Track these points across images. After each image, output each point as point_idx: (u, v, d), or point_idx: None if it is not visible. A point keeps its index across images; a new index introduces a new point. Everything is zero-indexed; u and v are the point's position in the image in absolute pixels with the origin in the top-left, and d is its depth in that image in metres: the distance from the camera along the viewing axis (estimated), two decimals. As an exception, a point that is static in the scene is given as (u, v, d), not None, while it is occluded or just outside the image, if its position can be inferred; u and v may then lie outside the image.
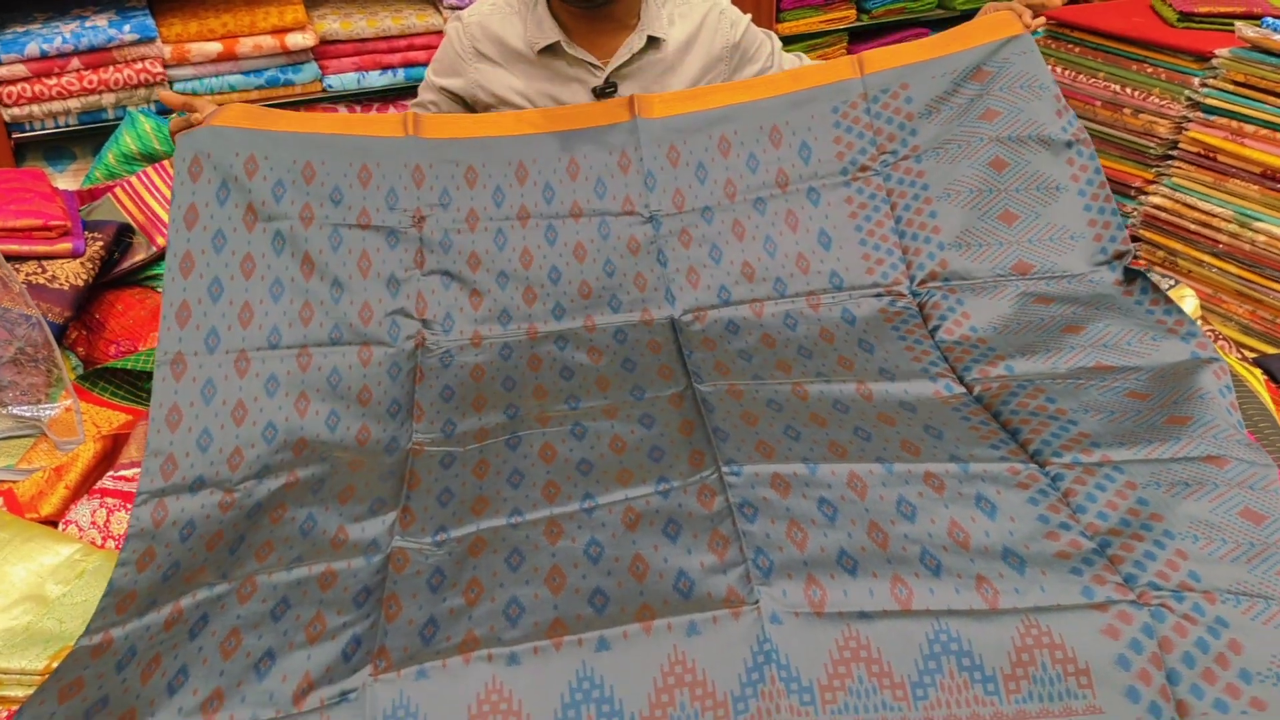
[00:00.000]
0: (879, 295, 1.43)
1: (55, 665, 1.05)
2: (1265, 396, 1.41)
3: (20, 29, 2.14)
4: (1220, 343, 1.50)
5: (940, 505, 1.05)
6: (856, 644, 0.91)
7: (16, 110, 2.17)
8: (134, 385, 1.59)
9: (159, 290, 1.76)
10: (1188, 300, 1.54)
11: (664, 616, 0.93)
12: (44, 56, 2.12)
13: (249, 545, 1.13)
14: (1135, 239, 1.94)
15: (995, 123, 1.48)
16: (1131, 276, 1.38)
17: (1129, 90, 1.89)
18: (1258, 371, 1.47)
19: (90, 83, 2.18)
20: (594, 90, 1.61)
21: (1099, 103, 1.93)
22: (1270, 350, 1.76)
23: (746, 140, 1.51)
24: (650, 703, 0.88)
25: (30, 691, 1.02)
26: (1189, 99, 1.80)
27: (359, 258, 1.44)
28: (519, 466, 1.18)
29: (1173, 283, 1.58)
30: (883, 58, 1.55)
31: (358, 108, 2.39)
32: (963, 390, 1.28)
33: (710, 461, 1.12)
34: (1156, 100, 1.84)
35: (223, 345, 1.30)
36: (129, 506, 1.28)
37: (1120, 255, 1.40)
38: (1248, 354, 1.64)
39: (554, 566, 1.02)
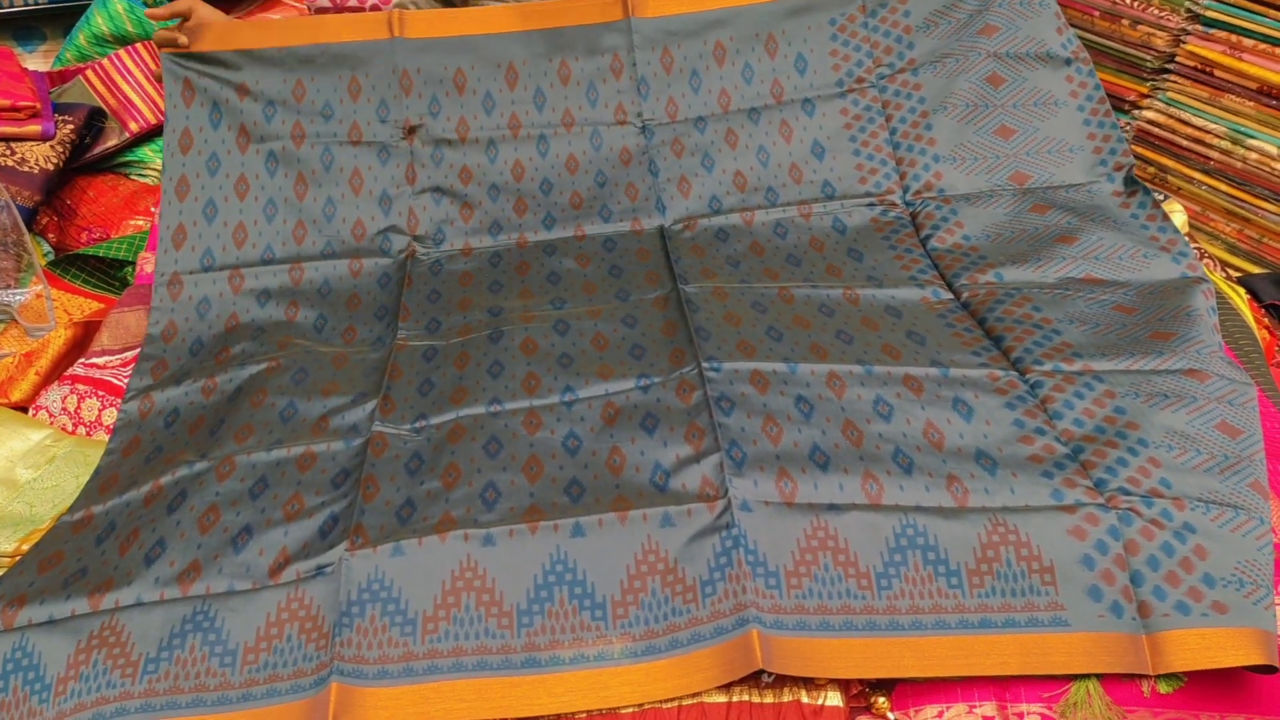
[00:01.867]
0: (871, 204, 1.42)
1: (25, 547, 1.05)
2: (1248, 314, 1.41)
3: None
4: (1206, 260, 1.50)
5: (917, 406, 1.05)
6: (824, 534, 0.92)
7: (-17, -13, 2.09)
8: (106, 273, 1.56)
9: (132, 176, 1.73)
10: (1176, 216, 1.53)
11: (639, 507, 0.93)
12: (11, -70, 2.04)
13: (229, 427, 1.13)
14: (1128, 156, 1.91)
15: (994, 38, 1.45)
16: (1132, 188, 1.36)
17: (1128, 1, 1.84)
18: (1241, 290, 1.47)
19: (61, -40, 2.09)
20: None
21: (1097, 13, 1.88)
22: (1255, 269, 1.75)
23: (742, 48, 1.48)
24: (622, 588, 0.89)
25: (1, 574, 1.02)
26: (1189, 11, 1.75)
27: (350, 175, 1.44)
28: (499, 358, 1.18)
29: (1162, 198, 1.56)
30: None
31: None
32: (950, 296, 1.27)
33: (691, 359, 1.12)
34: (1156, 11, 1.79)
35: (218, 264, 1.36)
36: (100, 393, 1.27)
37: (1120, 167, 1.38)
38: (1232, 273, 1.64)
39: (531, 456, 1.02)
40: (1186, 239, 1.33)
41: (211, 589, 0.92)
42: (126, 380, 1.29)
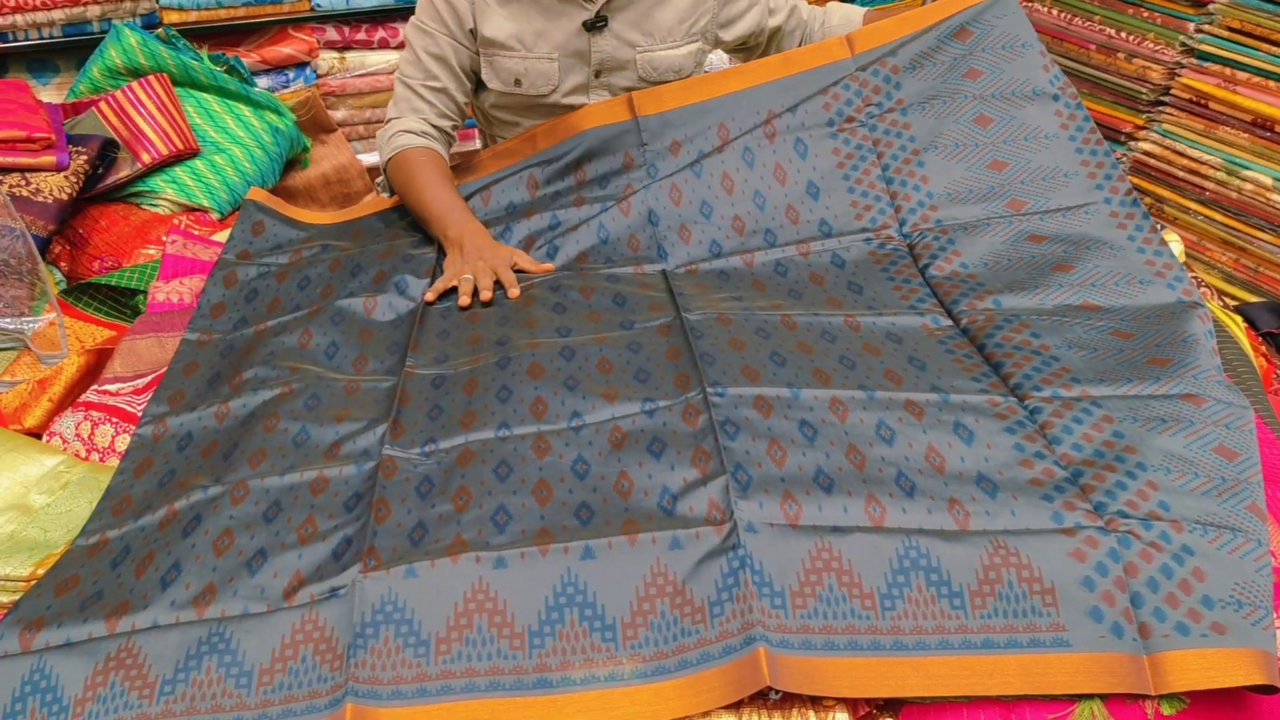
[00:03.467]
0: (868, 239, 1.45)
1: (40, 572, 1.07)
2: (1245, 343, 1.43)
3: (2, -63, 2.10)
4: (1203, 289, 1.52)
5: (919, 431, 1.07)
6: (829, 555, 0.93)
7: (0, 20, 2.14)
8: (117, 301, 1.58)
9: (143, 206, 1.76)
10: (1173, 245, 1.55)
11: (648, 530, 0.95)
12: (27, -35, 2.08)
13: (242, 451, 1.15)
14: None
15: (979, 81, 1.50)
16: (1130, 209, 1.38)
17: (1124, 35, 1.88)
18: (1238, 319, 1.50)
19: (74, -6, 2.13)
20: (584, 24, 1.60)
21: (1093, 47, 1.93)
22: (1252, 298, 1.78)
23: (744, 125, 1.54)
24: (632, 609, 0.90)
25: (16, 598, 1.04)
26: (1183, 44, 1.79)
27: (389, 238, 1.60)
28: (507, 383, 1.20)
29: (1160, 227, 1.59)
30: (872, 35, 1.56)
31: (346, 29, 2.35)
32: (949, 323, 1.30)
33: (696, 383, 1.14)
34: (1151, 45, 1.83)
35: (249, 324, 1.42)
36: (113, 420, 1.29)
37: (1117, 190, 1.41)
38: (1229, 301, 1.66)
39: (541, 479, 1.04)
40: (1183, 266, 1.35)
41: (226, 612, 0.93)
42: (139, 407, 1.31)
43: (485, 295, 1.39)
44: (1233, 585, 0.92)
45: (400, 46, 2.35)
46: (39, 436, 1.31)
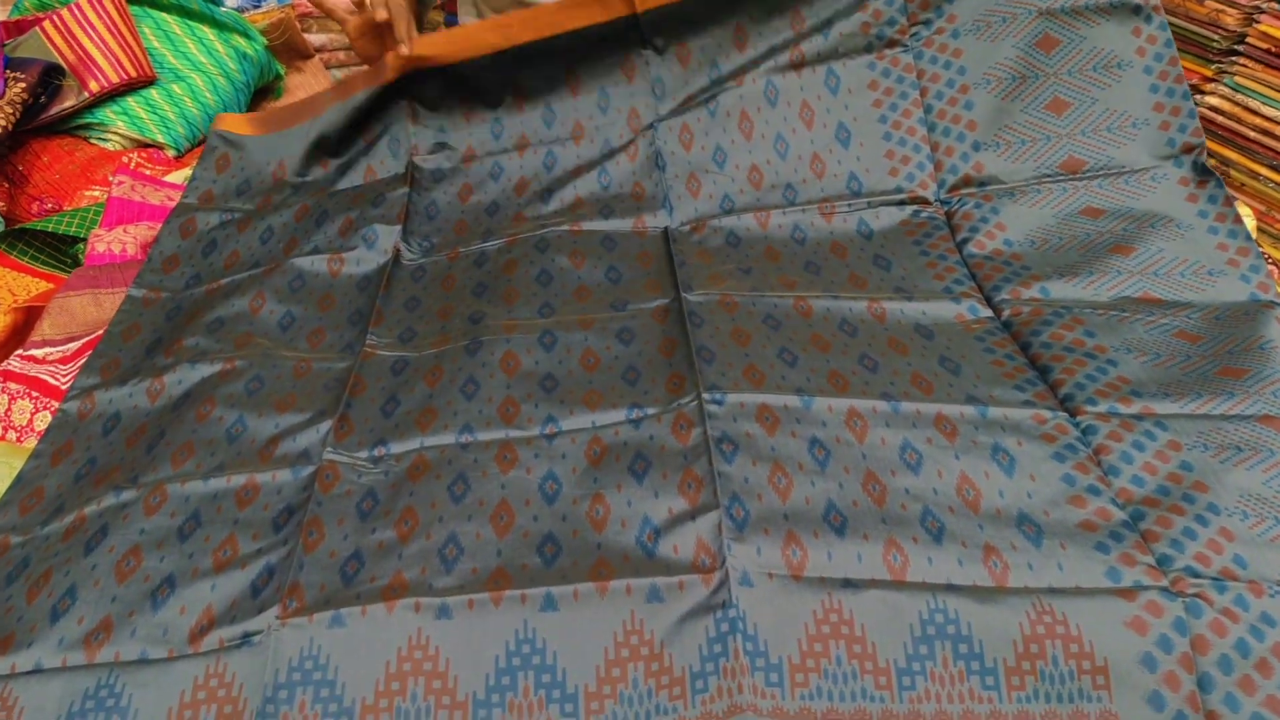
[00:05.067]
0: (901, 204, 1.26)
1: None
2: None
3: None
4: (1272, 267, 1.33)
5: (950, 455, 0.91)
6: (838, 618, 0.78)
7: (-57, -77, 1.92)
8: (57, 249, 1.42)
9: (91, 141, 1.58)
10: (1244, 220, 1.37)
11: (622, 577, 0.79)
12: None
13: (168, 443, 1.00)
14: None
15: None
16: (1202, 176, 1.18)
17: (1200, -27, 1.66)
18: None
19: (27, -105, 1.91)
20: None
21: (1163, -14, 1.71)
22: (1324, 281, 1.59)
23: (765, 31, 1.31)
24: (598, 676, 0.76)
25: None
26: (1268, -14, 1.57)
27: (364, 172, 1.42)
28: (475, 375, 1.04)
29: (1233, 201, 1.40)
30: None
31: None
32: (989, 314, 1.12)
33: (690, 387, 0.97)
34: (1230, -14, 1.61)
35: (203, 281, 1.27)
36: (33, 394, 1.14)
37: (1190, 149, 1.19)
38: (1303, 285, 1.48)
39: (502, 501, 0.88)
40: (1259, 252, 1.17)
41: (121, 655, 0.79)
42: (65, 380, 1.16)
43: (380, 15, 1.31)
44: None
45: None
46: (-48, 409, 1.16)
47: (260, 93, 1.82)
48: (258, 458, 0.97)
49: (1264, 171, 1.64)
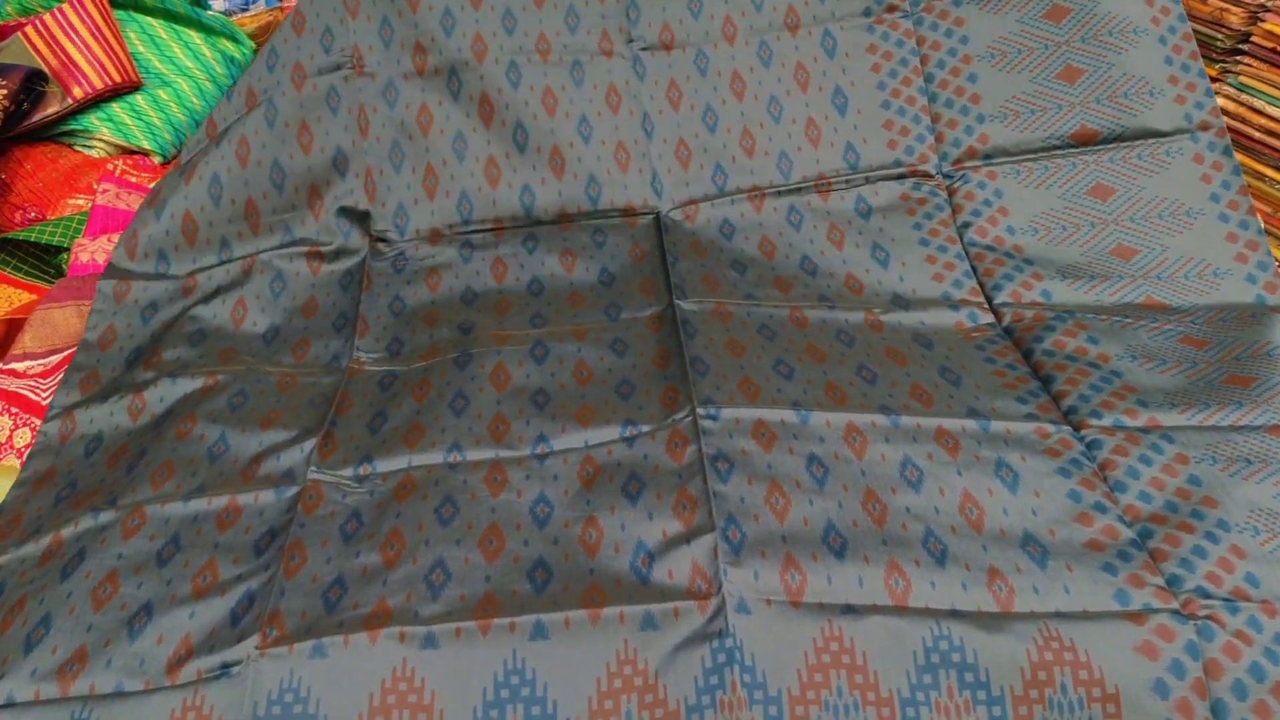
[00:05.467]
0: (901, 178, 1.21)
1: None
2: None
3: None
4: None
5: (952, 471, 0.88)
6: (839, 645, 0.75)
7: (-73, -75, 1.89)
8: (40, 259, 1.39)
9: (76, 148, 1.55)
10: (1257, 213, 1.33)
11: (615, 604, 0.77)
12: None
13: (148, 463, 0.97)
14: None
15: None
16: (1220, 157, 1.14)
17: (1202, -30, 1.62)
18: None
19: (11, -103, 1.88)
20: None
21: (1165, -17, 1.67)
22: (1331, 283, 1.56)
23: None
24: (590, 708, 0.73)
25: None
26: (1274, -16, 1.54)
27: (298, 129, 1.23)
28: (465, 390, 1.01)
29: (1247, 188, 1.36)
30: None
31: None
32: (989, 320, 1.09)
33: (685, 401, 0.95)
34: (1234, -17, 1.58)
35: (171, 272, 1.20)
36: (13, 410, 1.11)
37: (1207, 126, 1.15)
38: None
39: (492, 525, 0.86)
40: (1269, 249, 1.14)
41: (96, 688, 0.76)
42: (45, 395, 1.13)
43: None
44: None
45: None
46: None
47: (248, 97, 1.78)
48: (240, 477, 0.94)
49: (1270, 173, 1.61)
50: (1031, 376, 1.01)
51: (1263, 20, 1.57)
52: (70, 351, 1.22)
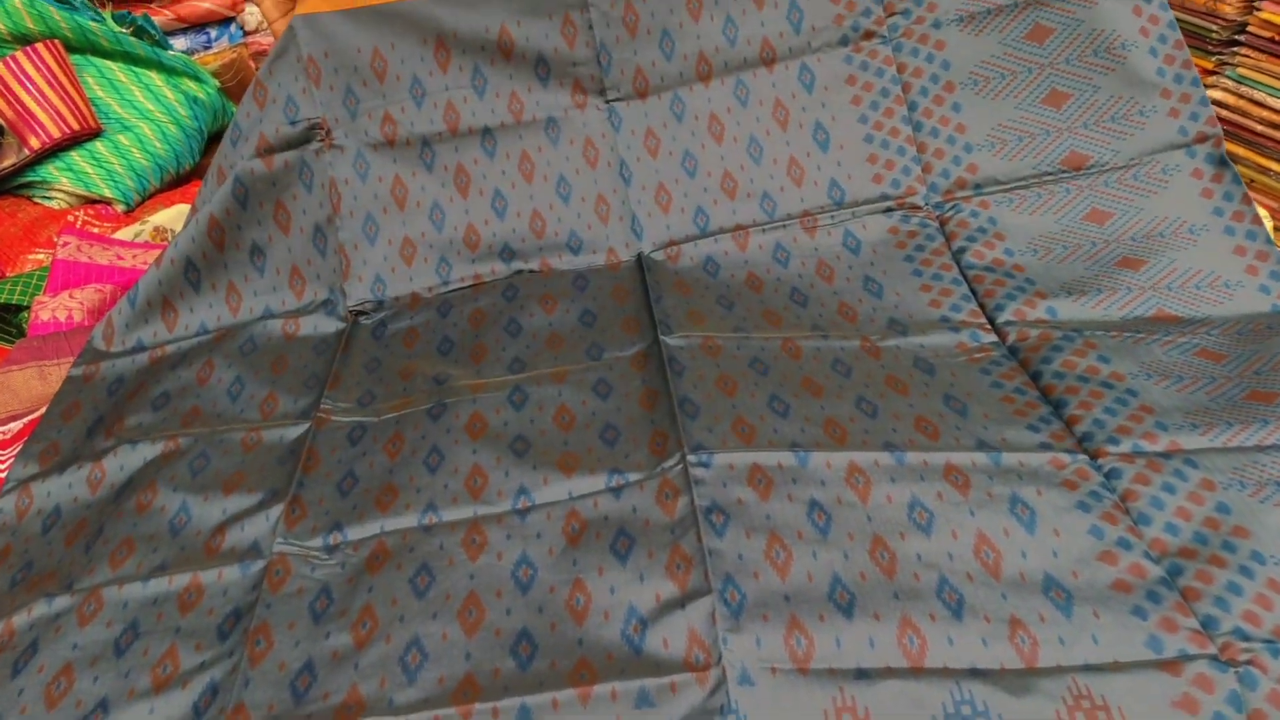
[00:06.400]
0: (889, 211, 1.17)
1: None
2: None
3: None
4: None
5: (964, 511, 0.82)
6: (852, 716, 0.69)
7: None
8: (1, 319, 1.33)
9: (35, 200, 1.50)
10: (1263, 220, 1.28)
11: (606, 680, 0.71)
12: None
13: (106, 540, 0.91)
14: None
15: None
16: (1217, 169, 1.09)
17: (1192, -39, 1.58)
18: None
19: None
20: None
21: (1154, -25, 1.63)
22: (1342, 278, 1.51)
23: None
24: (581, 800, 0.67)
25: None
26: (1267, -29, 1.50)
27: (274, 210, 1.20)
28: (439, 443, 0.95)
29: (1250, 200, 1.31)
30: None
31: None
32: (992, 339, 1.04)
33: (674, 447, 0.89)
34: (1227, -27, 1.53)
35: (146, 346, 1.16)
36: (-33, 482, 1.05)
37: (1204, 139, 1.10)
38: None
39: (471, 594, 0.80)
40: (1279, 251, 1.09)
41: (47, 801, 0.70)
42: (3, 468, 1.08)
43: None
44: None
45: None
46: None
47: (215, 137, 1.73)
48: (203, 551, 0.88)
49: (1274, 166, 1.56)
50: (1042, 401, 0.95)
51: (1259, 9, 1.52)
52: (30, 417, 1.16)
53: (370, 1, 1.21)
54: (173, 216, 1.44)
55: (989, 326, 1.05)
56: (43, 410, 1.16)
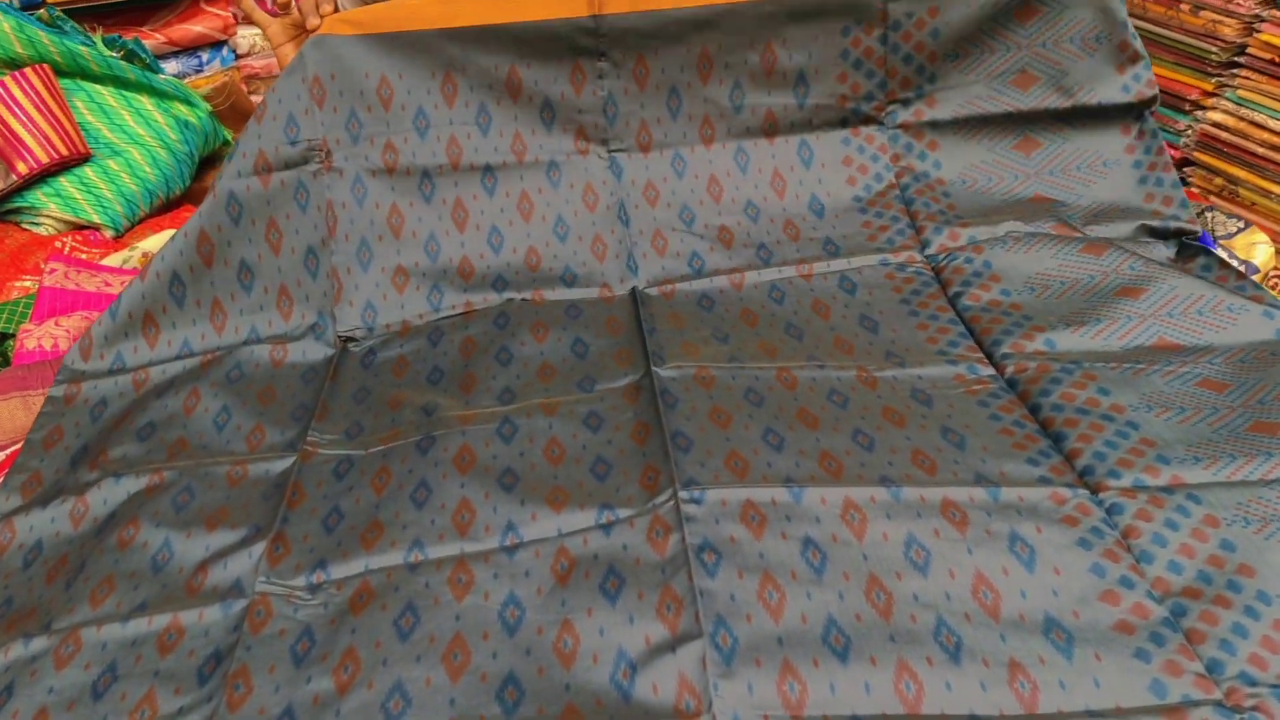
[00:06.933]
0: (884, 261, 1.19)
1: None
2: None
3: None
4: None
5: (962, 549, 0.80)
6: (849, 766, 0.67)
7: None
8: (-15, 348, 1.32)
9: (23, 225, 1.49)
10: (1260, 248, 1.27)
11: None
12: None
13: (87, 578, 0.89)
14: (1188, 163, 1.66)
15: (1030, 91, 1.21)
16: (1189, 254, 1.16)
17: (1190, -18, 1.57)
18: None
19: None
20: None
21: (1151, -4, 1.62)
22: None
23: (733, 61, 1.22)
24: None
25: None
26: (1265, -8, 1.49)
27: (266, 228, 1.18)
28: (427, 477, 0.93)
29: (1243, 225, 1.31)
30: None
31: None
32: (990, 373, 1.02)
33: (666, 482, 0.87)
34: (1224, -6, 1.52)
35: (128, 367, 1.13)
36: (-56, 520, 1.03)
37: (1178, 233, 1.18)
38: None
39: (456, 636, 0.78)
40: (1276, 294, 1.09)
41: None
42: (-17, 499, 1.06)
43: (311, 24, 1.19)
44: None
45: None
46: None
47: (207, 161, 1.72)
48: (184, 590, 0.86)
49: (1275, 189, 1.54)
50: (1041, 434, 0.94)
51: (1258, 30, 1.51)
52: (14, 449, 1.14)
53: (390, 28, 1.19)
54: (161, 242, 1.43)
55: (987, 361, 1.04)
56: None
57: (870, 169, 1.23)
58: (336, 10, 1.24)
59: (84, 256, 1.43)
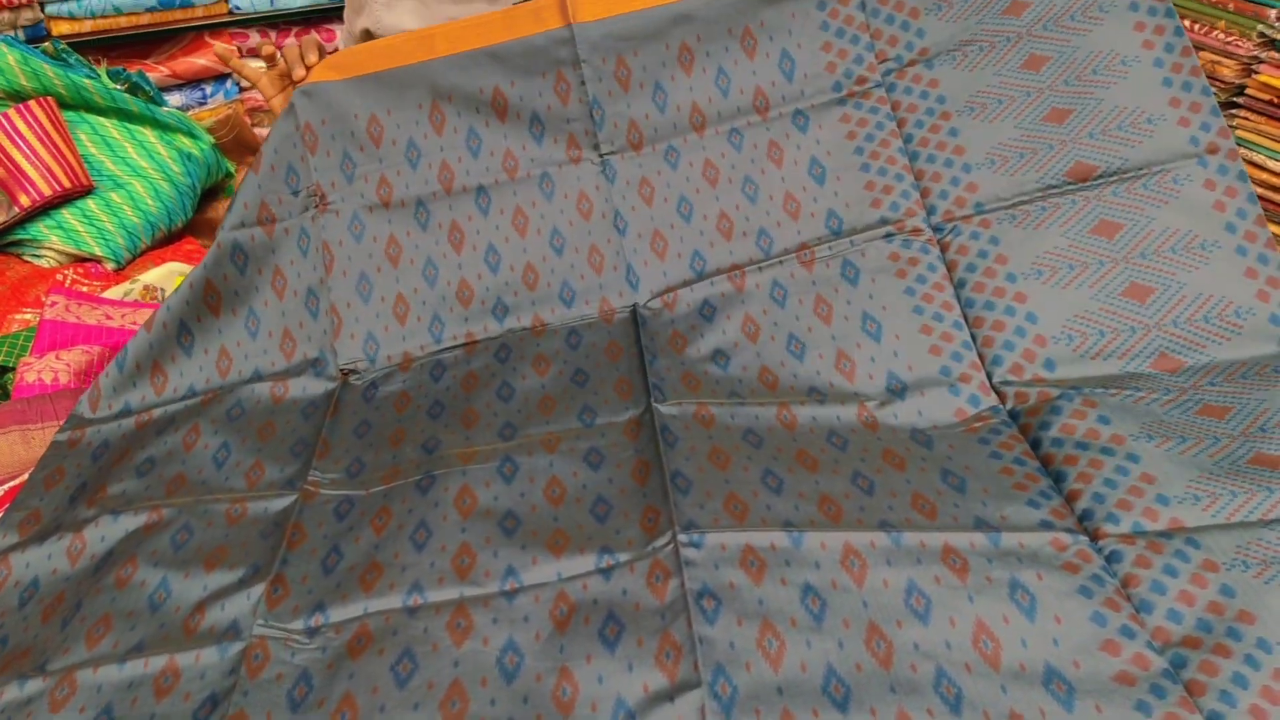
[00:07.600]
0: (888, 236, 1.14)
1: None
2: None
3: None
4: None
5: (963, 597, 0.80)
6: (849, 819, 0.67)
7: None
8: (-15, 381, 1.32)
9: (24, 258, 1.49)
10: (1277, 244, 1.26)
11: None
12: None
13: (83, 618, 0.89)
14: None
15: (1024, 16, 1.14)
16: (1233, 181, 1.05)
17: (1190, 23, 1.58)
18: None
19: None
20: None
21: (1148, 36, 1.63)
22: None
23: (714, 50, 1.22)
24: None
25: None
26: (1261, 35, 1.49)
27: (272, 275, 1.20)
28: (427, 518, 0.93)
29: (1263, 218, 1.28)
30: None
31: (272, 33, 2.05)
32: (991, 404, 1.02)
33: (666, 525, 0.87)
34: (1222, 36, 1.53)
35: (133, 410, 1.15)
36: (-59, 558, 1.03)
37: (1215, 149, 1.05)
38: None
39: (454, 683, 0.77)
40: None
41: None
42: (-20, 535, 1.06)
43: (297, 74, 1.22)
44: None
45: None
46: None
47: (209, 193, 1.73)
48: (181, 631, 0.86)
49: (1275, 230, 1.55)
50: (1041, 473, 0.93)
51: (1257, 72, 1.52)
52: (13, 483, 1.14)
53: (373, 68, 1.21)
54: (163, 275, 1.43)
55: (988, 385, 1.03)
56: (25, 476, 1.14)
57: (870, 120, 1.19)
58: (321, 59, 1.26)
59: (85, 289, 1.43)
